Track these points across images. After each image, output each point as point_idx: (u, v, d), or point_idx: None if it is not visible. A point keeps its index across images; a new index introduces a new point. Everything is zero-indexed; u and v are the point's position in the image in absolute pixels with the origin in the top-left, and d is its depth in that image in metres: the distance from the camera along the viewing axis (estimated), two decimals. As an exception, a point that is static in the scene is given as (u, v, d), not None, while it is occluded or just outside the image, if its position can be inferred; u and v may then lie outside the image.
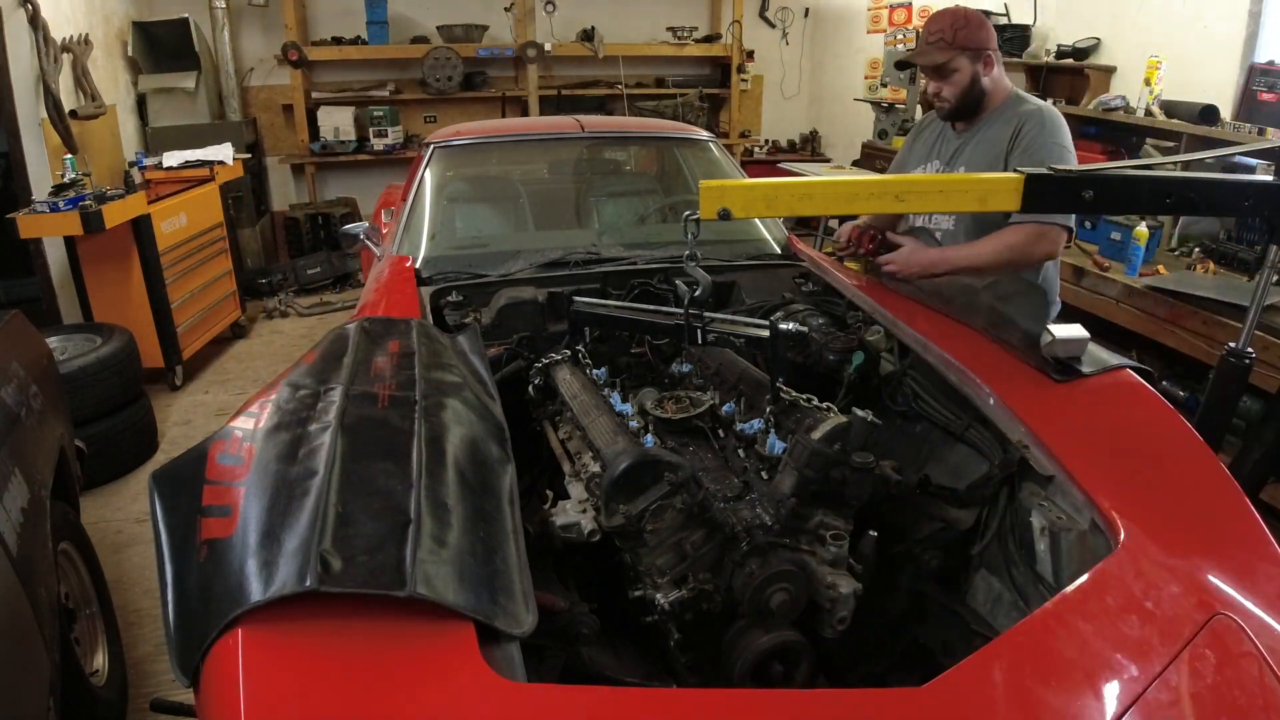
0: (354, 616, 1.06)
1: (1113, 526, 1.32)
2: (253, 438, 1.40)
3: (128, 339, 3.64)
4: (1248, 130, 3.77)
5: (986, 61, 2.20)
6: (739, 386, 1.85)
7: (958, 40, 2.17)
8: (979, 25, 2.19)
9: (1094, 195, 1.57)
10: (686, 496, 1.39)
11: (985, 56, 2.19)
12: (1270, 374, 2.74)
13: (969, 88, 2.21)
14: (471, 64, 6.79)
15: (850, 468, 1.44)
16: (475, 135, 3.28)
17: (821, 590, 1.37)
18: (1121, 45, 4.69)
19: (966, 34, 2.17)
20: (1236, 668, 1.10)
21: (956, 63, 2.19)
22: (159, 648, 2.50)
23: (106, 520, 3.21)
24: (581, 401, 1.79)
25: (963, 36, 2.17)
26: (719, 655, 1.40)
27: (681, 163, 3.46)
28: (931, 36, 2.20)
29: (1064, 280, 3.68)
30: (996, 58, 2.23)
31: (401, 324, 1.90)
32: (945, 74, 2.20)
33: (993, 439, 1.65)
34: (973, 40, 2.17)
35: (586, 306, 2.01)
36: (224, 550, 1.15)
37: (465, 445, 1.42)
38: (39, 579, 1.65)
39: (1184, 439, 1.53)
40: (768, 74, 7.86)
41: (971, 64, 2.19)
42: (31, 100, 4.24)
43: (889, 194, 1.59)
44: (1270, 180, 1.70)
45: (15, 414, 1.96)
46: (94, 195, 3.83)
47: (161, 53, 5.89)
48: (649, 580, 1.38)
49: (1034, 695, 1.08)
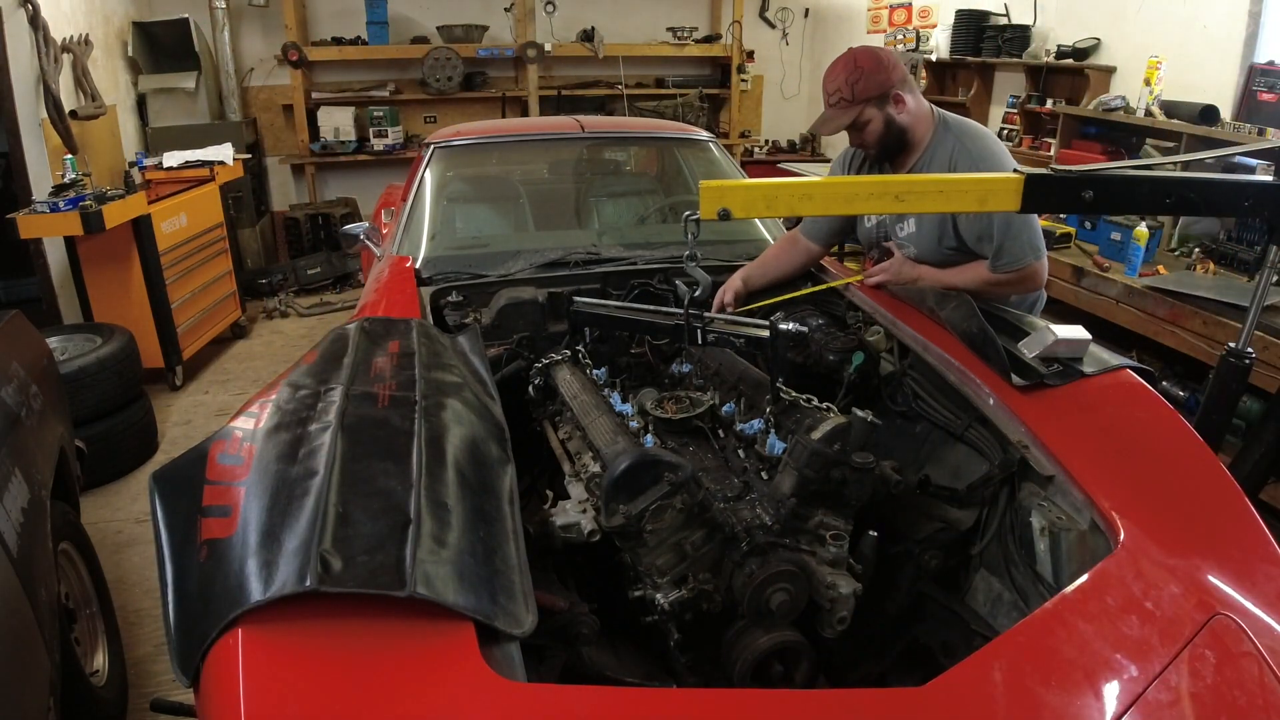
0: (354, 616, 1.06)
1: (1113, 526, 1.32)
2: (253, 438, 1.40)
3: (128, 339, 3.64)
4: (1248, 130, 3.77)
5: (896, 100, 2.07)
6: (739, 387, 1.85)
7: (858, 95, 2.04)
8: (875, 68, 2.04)
9: (1094, 195, 1.57)
10: (686, 496, 1.39)
11: (893, 97, 2.06)
12: (1270, 374, 2.74)
13: (884, 133, 2.10)
14: (471, 64, 6.79)
15: (850, 468, 1.44)
16: (475, 135, 3.28)
17: (821, 590, 1.37)
18: (1121, 45, 4.68)
19: (864, 84, 2.04)
20: (1236, 668, 1.10)
21: (865, 115, 2.07)
22: (159, 648, 2.50)
23: (106, 520, 3.21)
24: (582, 402, 1.79)
25: (861, 88, 2.04)
26: (719, 655, 1.40)
27: (681, 163, 3.47)
28: (831, 98, 2.08)
29: (1064, 280, 3.68)
30: (907, 88, 2.10)
31: (401, 324, 1.90)
32: (858, 128, 2.10)
33: (993, 439, 1.65)
34: (873, 87, 2.04)
35: (586, 307, 2.02)
36: (224, 550, 1.15)
37: (465, 445, 1.42)
38: (39, 579, 1.65)
39: (1184, 439, 1.53)
40: (768, 74, 7.86)
41: (880, 109, 2.07)
42: (31, 100, 4.24)
43: (889, 194, 1.58)
44: (1270, 180, 1.70)
45: (15, 414, 1.96)
46: (94, 195, 3.83)
47: (161, 53, 5.89)
48: (649, 580, 1.38)
49: (1034, 695, 1.08)
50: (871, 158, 2.23)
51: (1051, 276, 3.70)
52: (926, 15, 6.25)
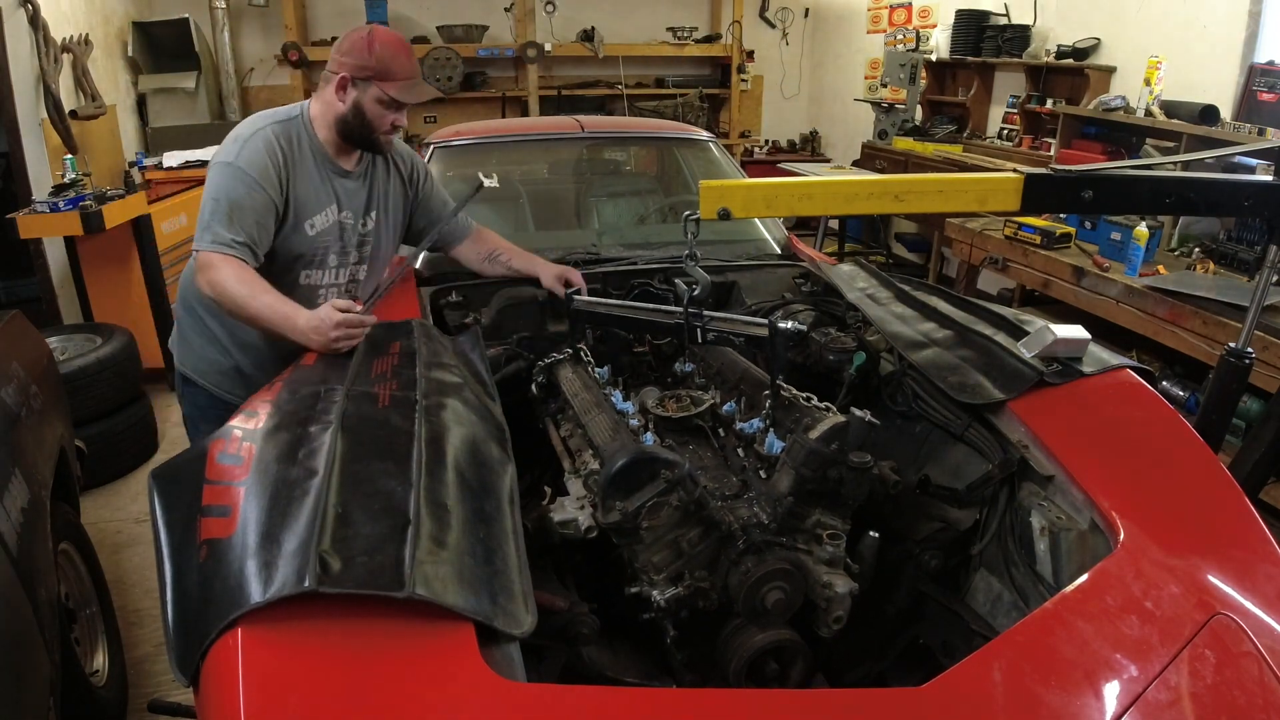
0: (353, 617, 1.05)
1: (1113, 526, 1.32)
2: (253, 438, 1.40)
3: (128, 339, 3.64)
4: (1248, 130, 3.77)
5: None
6: (740, 386, 1.85)
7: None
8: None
9: (1094, 195, 1.57)
10: (683, 494, 1.39)
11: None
12: (1270, 374, 2.74)
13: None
14: (471, 64, 6.79)
15: (847, 467, 1.44)
16: (475, 135, 3.28)
17: (817, 590, 1.37)
18: (1121, 45, 4.69)
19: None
20: (1236, 668, 1.10)
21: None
22: (159, 648, 2.50)
23: (106, 520, 3.21)
24: (583, 400, 1.79)
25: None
26: (716, 653, 1.40)
27: (681, 163, 3.47)
28: (417, 71, 1.97)
29: (1064, 280, 3.68)
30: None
31: (402, 324, 1.90)
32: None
33: (993, 439, 1.64)
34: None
35: (586, 305, 2.02)
36: (224, 550, 1.15)
37: (465, 446, 1.42)
38: (39, 579, 1.65)
39: (1184, 439, 1.53)
40: (768, 74, 7.86)
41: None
42: (31, 100, 4.24)
43: (889, 194, 1.59)
44: (1270, 180, 1.70)
45: (15, 414, 1.96)
46: (94, 195, 3.83)
47: (161, 53, 5.89)
48: (645, 577, 1.38)
49: (1034, 695, 1.08)
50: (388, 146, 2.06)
51: (1052, 276, 3.74)
52: (926, 15, 6.25)
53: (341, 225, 2.03)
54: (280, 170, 1.89)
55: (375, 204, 2.10)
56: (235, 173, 1.84)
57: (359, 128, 1.94)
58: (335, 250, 2.04)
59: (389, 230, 2.15)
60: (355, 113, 1.92)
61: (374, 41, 1.88)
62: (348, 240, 2.05)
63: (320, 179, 1.98)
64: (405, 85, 1.91)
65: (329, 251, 2.03)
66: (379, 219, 2.11)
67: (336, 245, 2.04)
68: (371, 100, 1.90)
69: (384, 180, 2.12)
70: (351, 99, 1.91)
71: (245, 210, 1.84)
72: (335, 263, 2.05)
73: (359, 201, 2.06)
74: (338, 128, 1.96)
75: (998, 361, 1.75)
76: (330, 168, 1.99)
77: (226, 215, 1.82)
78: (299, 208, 1.94)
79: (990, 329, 1.88)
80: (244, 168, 1.85)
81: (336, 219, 2.01)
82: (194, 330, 2.12)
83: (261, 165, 1.86)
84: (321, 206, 1.98)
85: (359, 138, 1.97)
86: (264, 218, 1.87)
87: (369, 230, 2.10)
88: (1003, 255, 4.04)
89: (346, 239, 2.05)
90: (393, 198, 2.14)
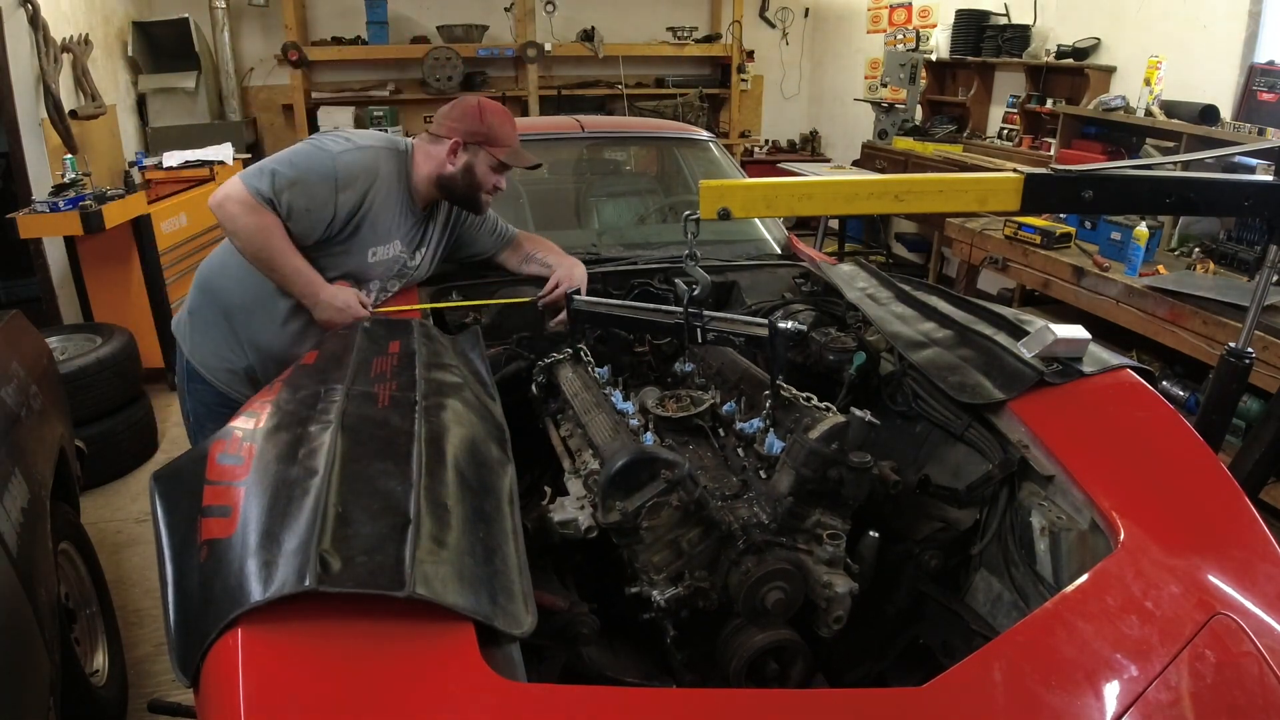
0: (353, 617, 1.05)
1: (1113, 526, 1.32)
2: (253, 438, 1.40)
3: (128, 339, 3.64)
4: (1248, 130, 3.77)
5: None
6: (740, 386, 1.85)
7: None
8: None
9: (1094, 195, 1.57)
10: (683, 494, 1.39)
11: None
12: (1270, 374, 2.74)
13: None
14: (471, 64, 6.79)
15: (847, 467, 1.44)
16: (475, 135, 3.27)
17: (817, 589, 1.37)
18: (1121, 45, 4.69)
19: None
20: (1236, 668, 1.10)
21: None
22: (159, 648, 2.50)
23: (106, 520, 3.21)
24: (583, 400, 1.79)
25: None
26: (715, 653, 1.40)
27: (681, 163, 3.46)
28: (518, 138, 2.11)
29: (1064, 280, 3.68)
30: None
31: (402, 324, 1.90)
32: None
33: (993, 439, 1.64)
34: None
35: (585, 305, 2.02)
36: (224, 550, 1.15)
37: (465, 446, 1.42)
38: (39, 579, 1.65)
39: (1184, 439, 1.53)
40: (768, 74, 7.86)
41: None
42: (31, 100, 4.24)
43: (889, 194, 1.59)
44: (1270, 180, 1.70)
45: (15, 414, 1.96)
46: (94, 195, 3.83)
47: (161, 53, 5.89)
48: (645, 577, 1.38)
49: (1034, 695, 1.08)
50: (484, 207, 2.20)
51: (1052, 276, 3.74)
52: (926, 15, 6.25)
53: (398, 261, 2.15)
54: (368, 191, 1.99)
55: (429, 241, 2.22)
56: (328, 162, 1.95)
57: (465, 187, 2.08)
58: (381, 276, 2.14)
59: (428, 263, 2.25)
60: (466, 174, 2.06)
61: (485, 111, 2.05)
62: (396, 270, 2.17)
63: (399, 215, 2.10)
64: (513, 151, 2.08)
65: (375, 278, 2.13)
66: (427, 254, 2.22)
67: (386, 274, 2.15)
68: (483, 163, 2.05)
69: (444, 219, 2.24)
70: (463, 162, 2.05)
71: (308, 192, 1.92)
72: (376, 288, 2.16)
73: (415, 238, 2.17)
74: (441, 183, 2.09)
75: (998, 361, 1.75)
76: (409, 208, 2.12)
77: (289, 181, 1.91)
78: (369, 233, 2.04)
79: (990, 329, 1.88)
80: (337, 166, 1.95)
81: (396, 254, 2.13)
82: (211, 324, 2.15)
83: (354, 175, 1.97)
84: (390, 239, 2.09)
85: (462, 196, 2.11)
86: (315, 213, 1.95)
87: (417, 264, 2.21)
88: (1003, 255, 4.04)
89: (395, 270, 2.17)
90: (445, 230, 2.26)
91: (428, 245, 2.22)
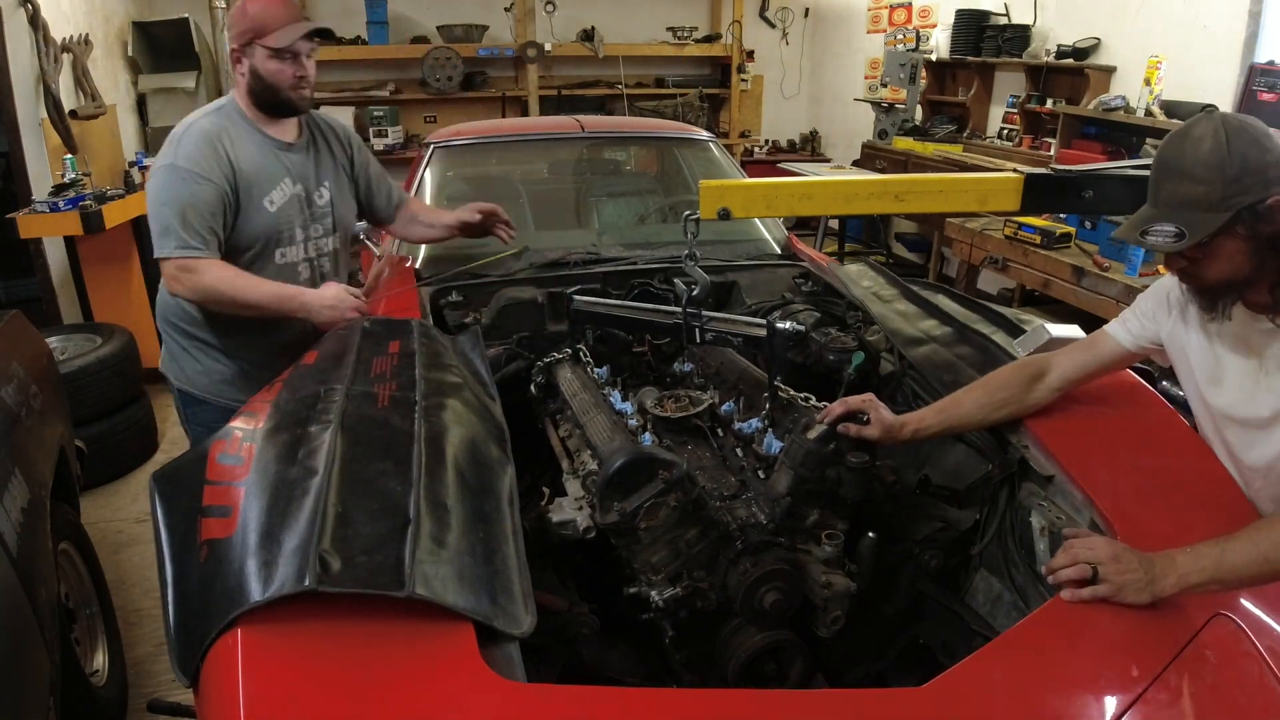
0: (353, 617, 1.05)
1: (1112, 526, 1.32)
2: (253, 438, 1.40)
3: (128, 339, 3.64)
4: (1248, 130, 3.77)
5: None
6: (739, 386, 1.85)
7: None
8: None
9: (1094, 195, 1.58)
10: (681, 494, 1.39)
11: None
12: (1270, 374, 2.73)
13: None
14: (471, 64, 6.79)
15: (846, 467, 1.44)
16: (475, 135, 3.28)
17: (815, 589, 1.37)
18: (1121, 45, 4.69)
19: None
20: (1236, 668, 1.10)
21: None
22: (159, 648, 2.50)
23: (106, 520, 3.21)
24: (581, 400, 1.79)
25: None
26: (715, 653, 1.40)
27: (681, 163, 3.46)
28: (295, 14, 1.96)
29: (1064, 280, 3.68)
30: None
31: (402, 324, 1.90)
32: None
33: (993, 439, 1.64)
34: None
35: (585, 305, 2.02)
36: (224, 550, 1.15)
37: (465, 446, 1.42)
38: (39, 579, 1.65)
39: (1184, 439, 1.53)
40: (768, 74, 7.86)
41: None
42: (31, 100, 4.23)
43: (889, 194, 1.59)
44: (1270, 180, 1.70)
45: (15, 414, 1.96)
46: (94, 195, 3.83)
47: (161, 53, 5.89)
48: (644, 577, 1.38)
49: (1034, 695, 1.08)
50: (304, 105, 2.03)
51: (1052, 276, 3.73)
52: (926, 15, 6.25)
53: (300, 198, 2.06)
54: (222, 154, 1.91)
55: (325, 176, 2.14)
56: (178, 172, 1.88)
57: (265, 92, 1.96)
58: (299, 224, 2.08)
59: (343, 199, 2.19)
60: (255, 79, 1.94)
61: (246, 6, 1.91)
62: (308, 213, 2.09)
63: (264, 154, 2.00)
64: (282, 32, 1.90)
65: (294, 226, 2.06)
66: (332, 190, 2.15)
67: (300, 219, 2.08)
68: (262, 60, 1.92)
69: (328, 152, 2.16)
70: (247, 68, 1.94)
71: (198, 207, 1.87)
72: (302, 237, 2.09)
73: (309, 173, 2.09)
74: (253, 100, 1.98)
75: (994, 360, 1.75)
76: (271, 142, 2.02)
77: (181, 217, 1.86)
78: (251, 185, 1.96)
79: (989, 328, 1.89)
80: (184, 165, 1.88)
81: (293, 192, 2.04)
82: (187, 345, 2.14)
83: (201, 156, 1.89)
84: (275, 180, 2.01)
85: (272, 102, 1.99)
86: (216, 209, 1.90)
87: (326, 202, 2.13)
88: (1003, 255, 4.04)
89: (306, 212, 2.09)
90: (339, 168, 2.19)
91: (325, 182, 2.12)
